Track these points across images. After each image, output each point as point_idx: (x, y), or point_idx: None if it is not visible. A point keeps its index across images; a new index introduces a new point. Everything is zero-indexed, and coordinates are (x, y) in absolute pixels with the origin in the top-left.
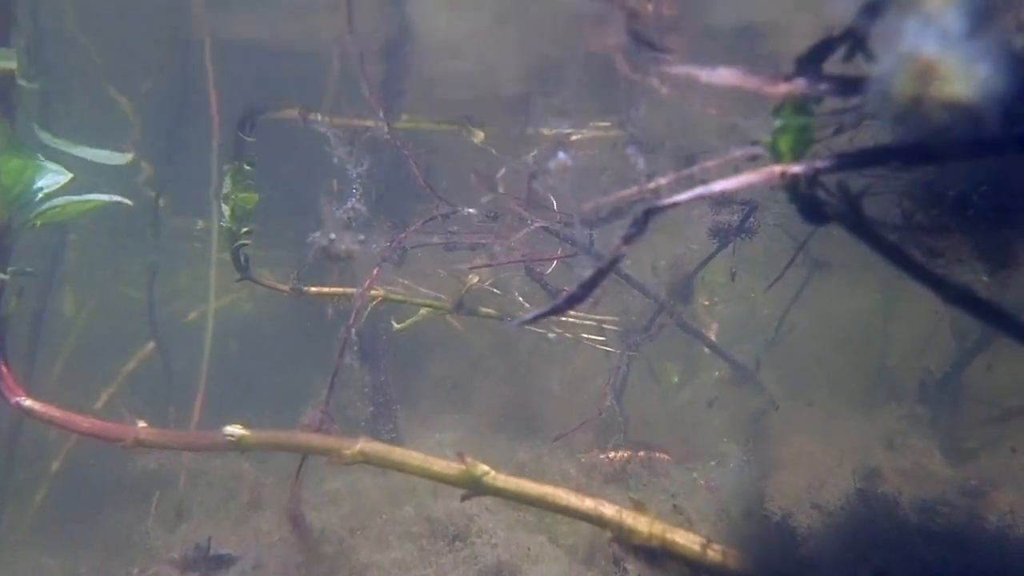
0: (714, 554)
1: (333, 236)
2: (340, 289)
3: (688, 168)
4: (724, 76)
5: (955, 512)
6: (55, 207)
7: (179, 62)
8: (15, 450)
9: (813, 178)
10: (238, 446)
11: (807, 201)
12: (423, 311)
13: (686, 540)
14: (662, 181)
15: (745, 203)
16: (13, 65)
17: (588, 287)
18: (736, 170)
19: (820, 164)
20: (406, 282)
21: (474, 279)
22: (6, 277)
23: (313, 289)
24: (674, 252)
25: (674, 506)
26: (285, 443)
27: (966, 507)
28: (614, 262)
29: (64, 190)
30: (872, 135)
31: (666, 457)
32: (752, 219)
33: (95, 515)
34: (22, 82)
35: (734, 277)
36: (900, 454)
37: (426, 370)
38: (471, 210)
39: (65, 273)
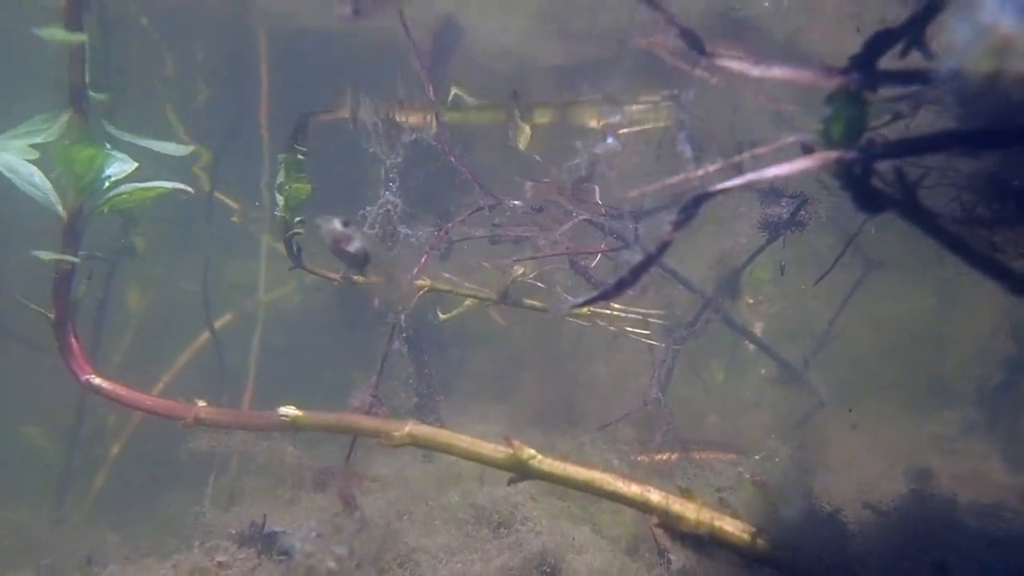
0: (764, 544)
1: (349, 230)
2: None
3: (738, 155)
4: (777, 72)
5: (1019, 518)
6: (122, 194)
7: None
8: (78, 434)
9: (868, 165)
10: (292, 426)
11: (861, 188)
12: (468, 302)
13: (735, 528)
14: (711, 168)
15: (796, 196)
16: (84, 38)
17: (637, 272)
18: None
19: (875, 150)
20: (449, 276)
21: (519, 270)
22: (77, 260)
23: (361, 279)
24: (721, 246)
25: (720, 499)
26: (336, 424)
27: None
28: (663, 248)
29: (130, 178)
30: (930, 123)
31: (728, 456)
32: (803, 212)
33: (153, 496)
34: (92, 93)
35: (783, 271)
36: (956, 459)
37: (468, 363)
38: (516, 202)
39: (131, 266)
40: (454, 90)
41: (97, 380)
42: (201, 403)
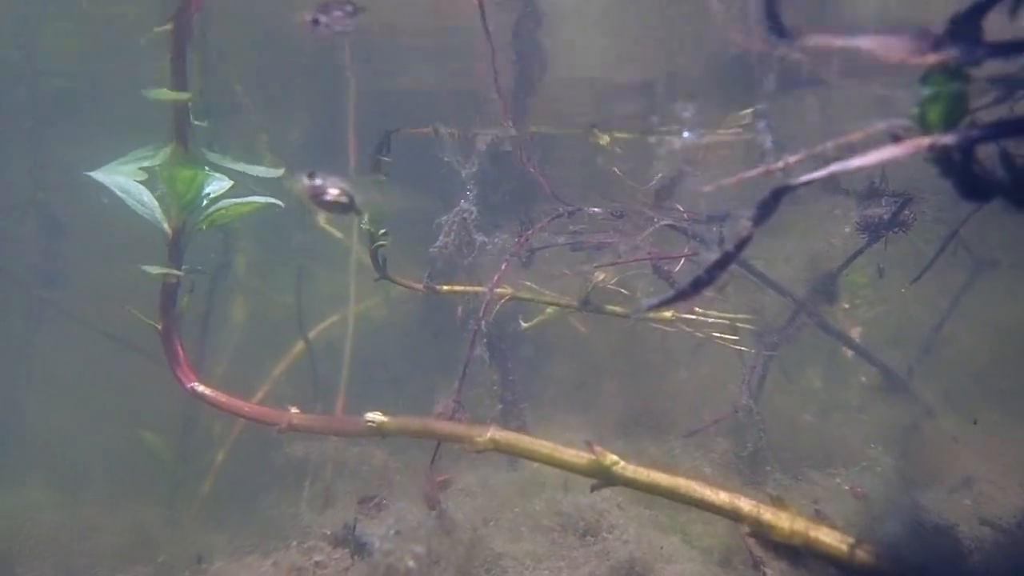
0: (864, 555)
1: (318, 180)
2: (471, 288)
3: (821, 145)
4: (864, 43)
5: None
6: (220, 210)
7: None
8: (187, 441)
9: (969, 150)
10: (378, 432)
11: (963, 176)
12: (550, 310)
13: (832, 539)
14: (791, 159)
15: (898, 195)
16: (188, 97)
17: (714, 271)
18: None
19: (976, 133)
20: (530, 284)
21: (600, 276)
22: (181, 274)
23: (445, 287)
24: (813, 248)
25: (816, 511)
26: (421, 430)
27: None
28: (741, 246)
29: (226, 195)
30: None
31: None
32: (907, 212)
33: (253, 500)
34: (194, 121)
35: (882, 274)
36: None
37: (550, 372)
38: (595, 209)
39: (231, 281)
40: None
41: (201, 388)
42: (294, 410)
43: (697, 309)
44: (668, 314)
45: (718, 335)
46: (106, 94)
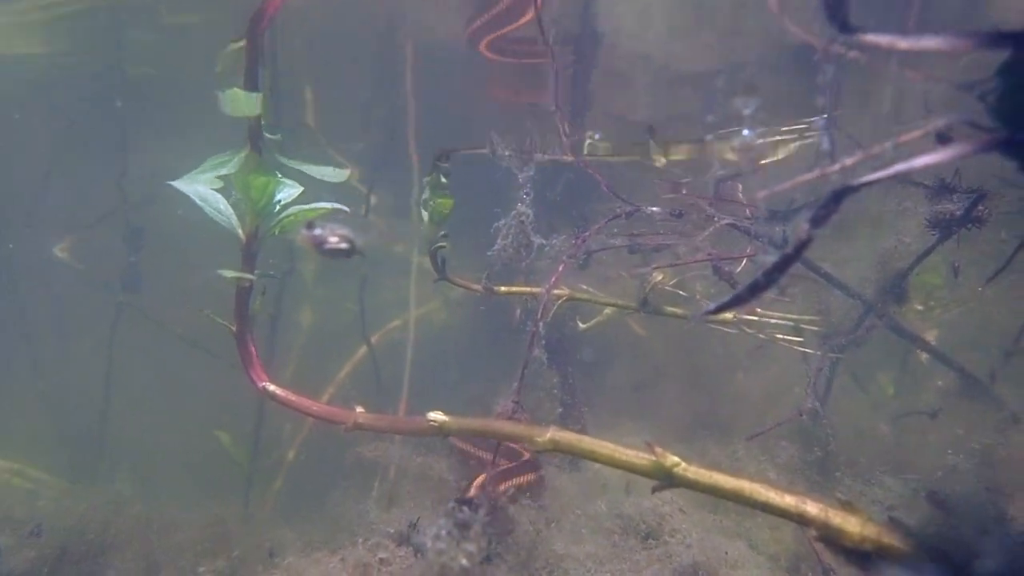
0: (945, 566)
1: (318, 230)
2: (528, 288)
3: (882, 143)
4: (929, 43)
5: None
6: (290, 215)
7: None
8: (259, 440)
9: None
10: (440, 431)
11: None
12: (607, 311)
13: (906, 545)
14: (850, 160)
15: (972, 191)
16: (259, 109)
17: (772, 274)
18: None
19: None
20: (587, 287)
21: (658, 277)
22: (254, 278)
23: (503, 288)
24: (882, 247)
25: (890, 518)
26: (481, 429)
27: None
28: (801, 248)
29: (297, 201)
30: None
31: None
32: (981, 207)
33: (323, 498)
34: (266, 133)
35: (957, 273)
36: None
37: (610, 375)
38: (654, 208)
39: (298, 287)
40: (589, 139)
41: (272, 387)
42: (359, 409)
43: (759, 310)
44: (729, 315)
45: (781, 337)
46: (185, 104)
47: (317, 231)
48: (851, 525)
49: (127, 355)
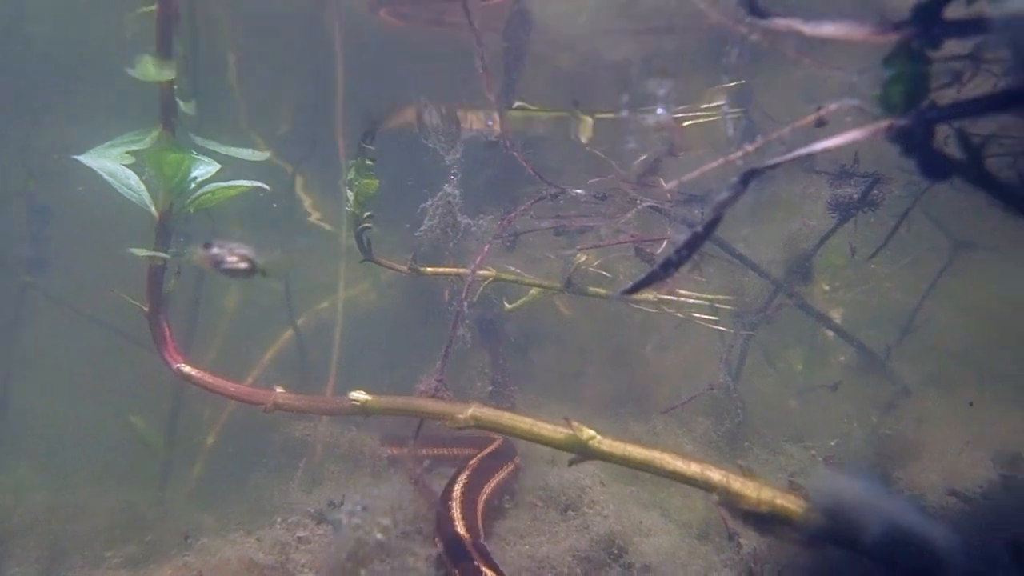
0: (829, 523)
1: (215, 249)
2: (454, 269)
3: (783, 128)
4: (829, 29)
5: None
6: (206, 193)
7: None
8: (177, 425)
9: (928, 130)
10: (362, 410)
11: (923, 154)
12: (533, 291)
13: (797, 506)
14: (753, 145)
15: (867, 175)
16: (172, 75)
17: (683, 252)
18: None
19: (934, 113)
20: (515, 269)
21: (582, 258)
22: (168, 257)
23: (430, 269)
24: (788, 229)
25: (790, 483)
26: (403, 407)
27: None
28: (710, 227)
29: (213, 179)
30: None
31: None
32: (876, 191)
33: (245, 481)
34: (179, 100)
35: (854, 253)
36: None
37: (537, 356)
38: (578, 191)
39: None
40: (517, 103)
41: (187, 368)
42: (279, 389)
43: (680, 291)
44: (650, 296)
45: (698, 316)
46: (94, 76)
47: (214, 250)
48: (749, 490)
49: (36, 337)
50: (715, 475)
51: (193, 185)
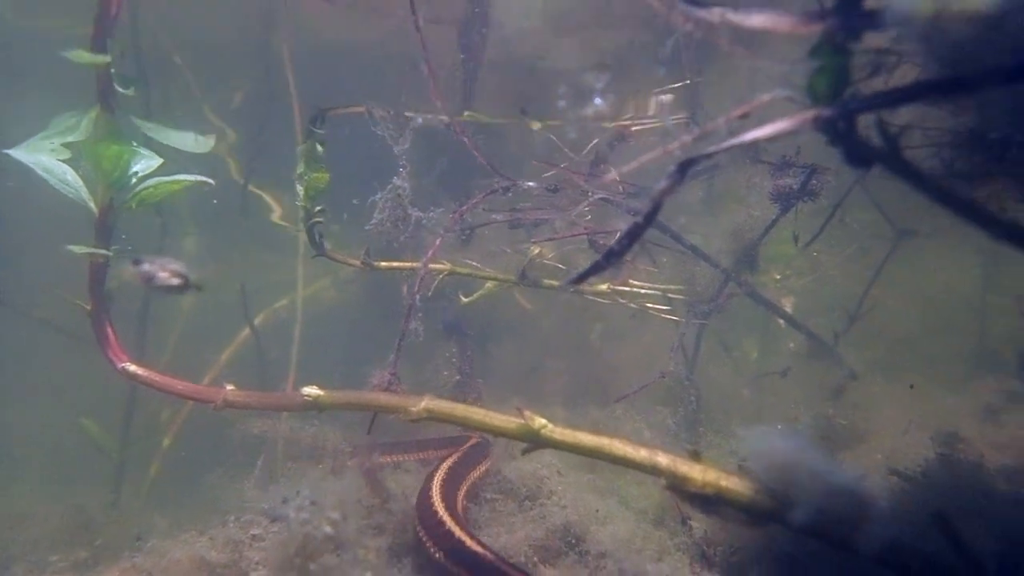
0: (768, 500)
1: (145, 266)
2: (409, 263)
3: (718, 120)
4: (756, 20)
5: None
6: (148, 188)
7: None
8: (130, 427)
9: (851, 120)
10: (315, 405)
11: (847, 144)
12: (489, 284)
13: (740, 487)
14: (691, 136)
15: (805, 166)
16: (107, 59)
17: (626, 241)
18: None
19: (855, 104)
20: (472, 263)
21: (536, 250)
22: (110, 254)
23: (383, 264)
24: (734, 220)
25: (739, 466)
26: (356, 402)
27: None
28: (651, 216)
29: (156, 173)
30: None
31: None
32: (814, 181)
33: (200, 482)
34: (119, 87)
35: (797, 240)
36: (995, 428)
37: (498, 349)
38: (530, 183)
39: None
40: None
41: (133, 368)
42: (230, 387)
43: (633, 281)
44: (604, 287)
45: (651, 306)
46: (28, 58)
47: (145, 266)
48: (695, 472)
49: None
50: (663, 459)
51: (134, 179)
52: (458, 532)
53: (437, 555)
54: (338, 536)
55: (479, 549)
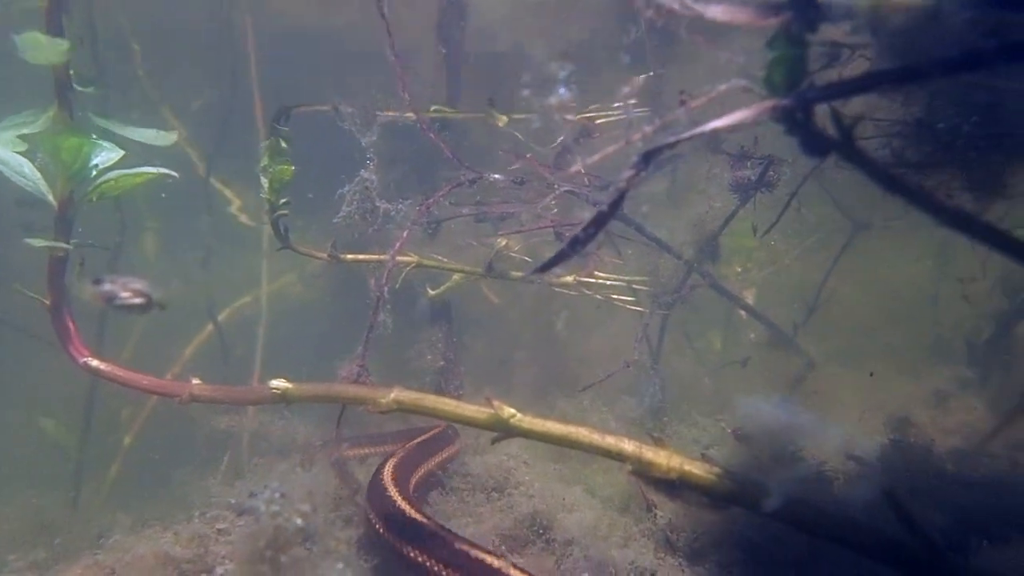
0: (730, 483)
1: (106, 285)
2: (376, 256)
3: (679, 110)
4: (715, 11)
5: (996, 463)
6: (109, 180)
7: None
8: (91, 425)
9: (807, 110)
10: (283, 398)
11: (803, 133)
12: (456, 277)
13: (703, 471)
14: (653, 126)
15: (763, 158)
16: (64, 53)
17: (590, 230)
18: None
19: (808, 95)
20: (439, 256)
21: (502, 243)
22: (70, 247)
23: (350, 256)
24: (697, 211)
25: (703, 455)
26: (325, 394)
27: (1008, 458)
28: (615, 205)
29: (117, 166)
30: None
31: None
32: (771, 173)
33: (166, 479)
34: (77, 86)
35: (755, 231)
36: (945, 413)
37: (468, 344)
38: (496, 176)
39: (142, 263)
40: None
41: (95, 362)
42: (196, 381)
43: (598, 273)
44: (570, 278)
45: (617, 297)
46: None
47: (106, 286)
48: (660, 458)
49: None
50: (628, 446)
51: (94, 172)
52: (400, 502)
53: (380, 528)
54: (308, 528)
55: (419, 517)
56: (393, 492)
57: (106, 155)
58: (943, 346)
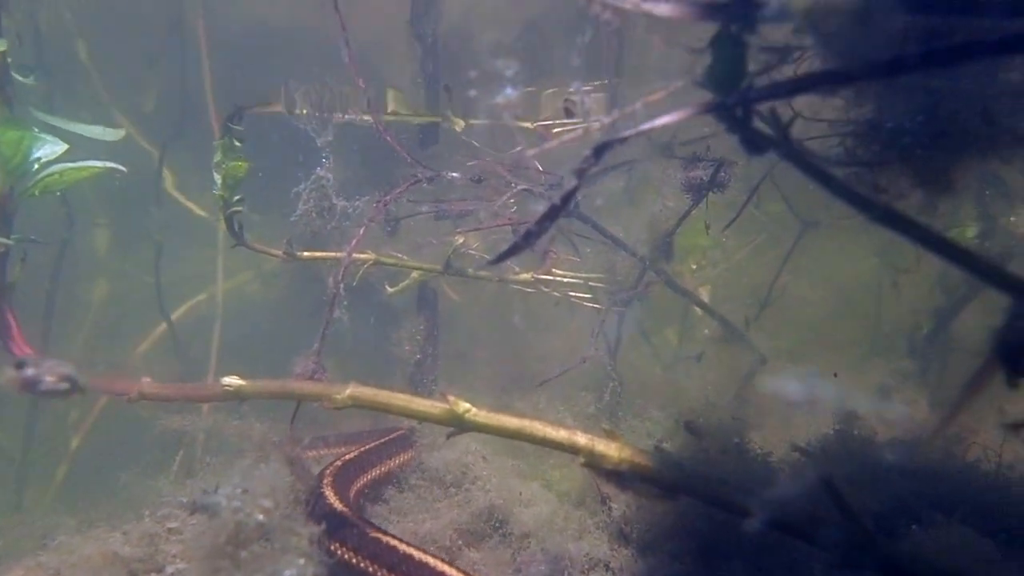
0: (677, 474)
1: (29, 370)
2: (333, 253)
3: (632, 105)
4: (663, 8)
5: (932, 453)
6: (52, 174)
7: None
8: (34, 427)
9: (748, 108)
10: (236, 395)
11: (744, 132)
12: (415, 274)
13: (651, 462)
14: (605, 120)
15: (714, 160)
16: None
17: (543, 223)
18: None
19: (750, 94)
20: (398, 254)
21: (460, 240)
22: (10, 243)
23: (306, 254)
24: (651, 211)
25: (656, 447)
26: (279, 391)
27: (943, 448)
28: (567, 198)
29: (61, 159)
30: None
31: None
32: (723, 173)
33: (114, 481)
34: (17, 76)
35: (708, 229)
36: (887, 405)
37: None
38: (454, 174)
39: (91, 260)
40: (391, 94)
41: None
42: (146, 379)
43: (556, 270)
44: (527, 276)
45: (573, 295)
46: None
47: (29, 371)
48: (611, 451)
49: None
50: (581, 439)
51: (36, 166)
52: (339, 506)
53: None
54: (270, 524)
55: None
56: (331, 496)
57: (49, 148)
58: (886, 341)
